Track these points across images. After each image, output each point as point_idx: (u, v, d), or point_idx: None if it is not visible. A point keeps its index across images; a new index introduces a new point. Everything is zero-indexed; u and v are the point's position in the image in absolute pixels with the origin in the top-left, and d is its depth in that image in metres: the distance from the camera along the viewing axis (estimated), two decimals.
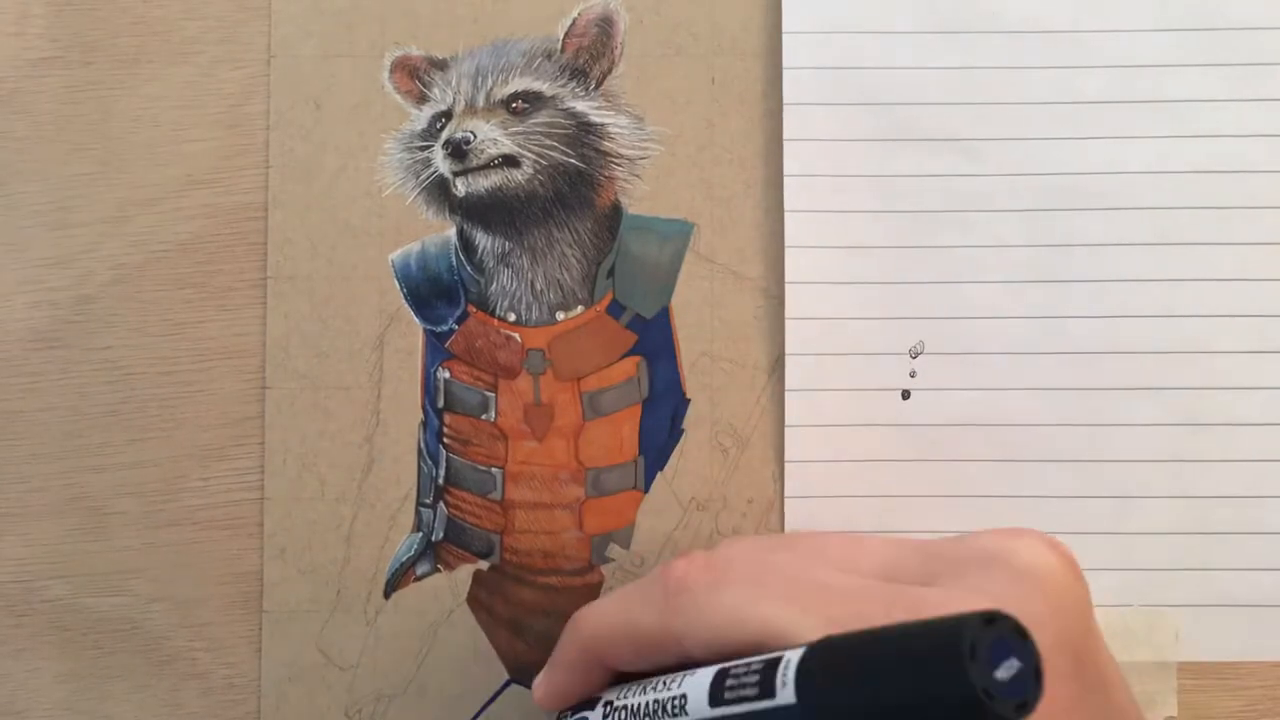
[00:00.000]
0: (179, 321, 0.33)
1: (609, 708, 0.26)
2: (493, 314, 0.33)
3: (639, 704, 0.25)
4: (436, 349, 0.33)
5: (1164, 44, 0.32)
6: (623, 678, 0.27)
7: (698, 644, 0.24)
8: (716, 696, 0.22)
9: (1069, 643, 0.22)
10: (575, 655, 0.28)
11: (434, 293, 0.33)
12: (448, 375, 0.33)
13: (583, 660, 0.27)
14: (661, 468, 0.33)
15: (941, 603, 0.21)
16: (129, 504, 0.33)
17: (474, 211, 0.33)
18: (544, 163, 0.33)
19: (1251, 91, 0.32)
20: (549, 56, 0.33)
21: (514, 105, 0.33)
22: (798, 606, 0.23)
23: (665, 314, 0.33)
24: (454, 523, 0.33)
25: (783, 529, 0.32)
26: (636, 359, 0.33)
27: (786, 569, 0.25)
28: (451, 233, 0.33)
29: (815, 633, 0.21)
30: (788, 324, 0.32)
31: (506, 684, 0.33)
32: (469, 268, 0.33)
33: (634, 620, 0.26)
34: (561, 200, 0.33)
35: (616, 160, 0.33)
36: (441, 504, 0.33)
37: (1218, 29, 0.32)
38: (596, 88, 0.33)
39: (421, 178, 0.33)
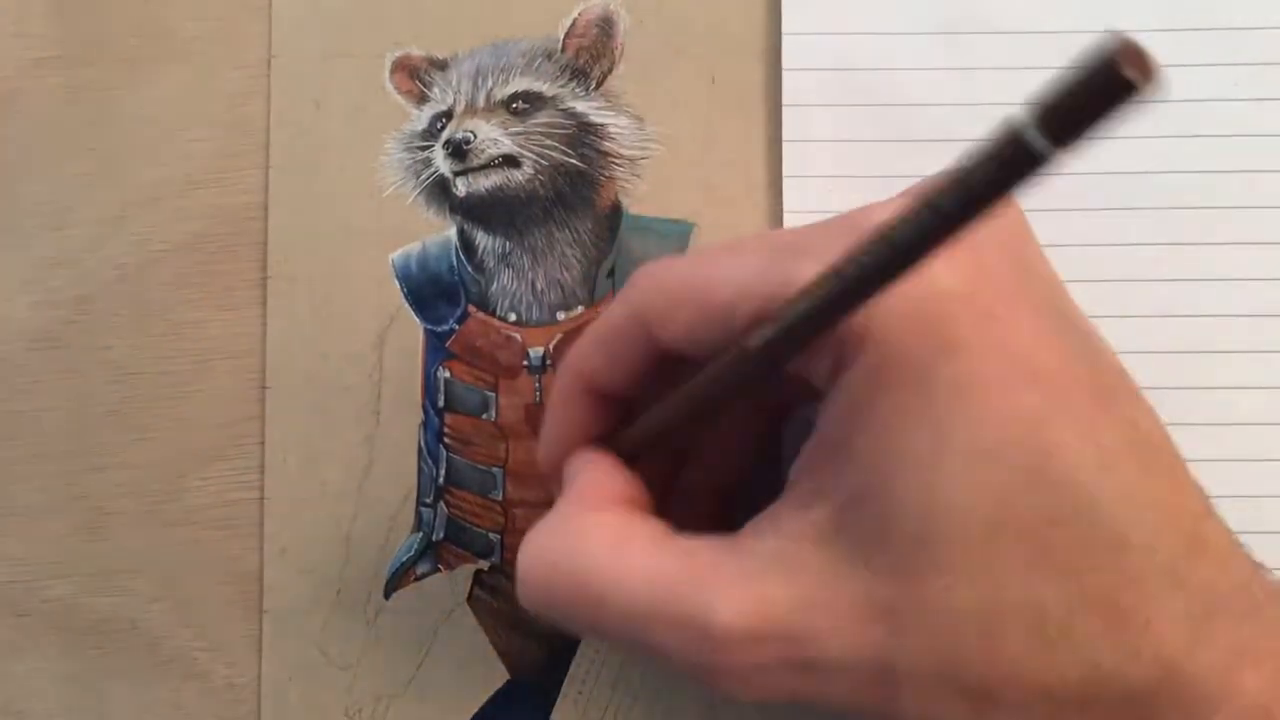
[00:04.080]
0: (179, 321, 0.33)
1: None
2: (493, 314, 0.33)
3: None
4: (437, 349, 0.33)
5: (1164, 44, 0.32)
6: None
7: (659, 318, 0.24)
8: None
9: (1006, 242, 0.22)
10: (561, 387, 0.27)
11: (434, 293, 0.33)
12: (448, 375, 0.33)
13: (567, 391, 0.26)
14: None
15: (878, 215, 0.21)
16: (129, 504, 0.33)
17: (474, 211, 0.33)
18: (544, 163, 0.33)
19: (1252, 91, 0.32)
20: (549, 57, 0.33)
21: (514, 105, 0.33)
22: (748, 254, 0.23)
23: None
24: (454, 522, 0.33)
25: None
26: None
27: (733, 241, 0.25)
28: (452, 233, 0.33)
29: (781, 276, 0.22)
30: None
31: (506, 684, 0.33)
32: (469, 268, 0.33)
33: (601, 321, 0.26)
34: (562, 200, 0.33)
35: (617, 160, 0.33)
36: (442, 504, 0.33)
37: (1218, 29, 0.32)
38: (597, 88, 0.33)
39: (422, 178, 0.33)
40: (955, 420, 0.21)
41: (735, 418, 0.28)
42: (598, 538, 0.24)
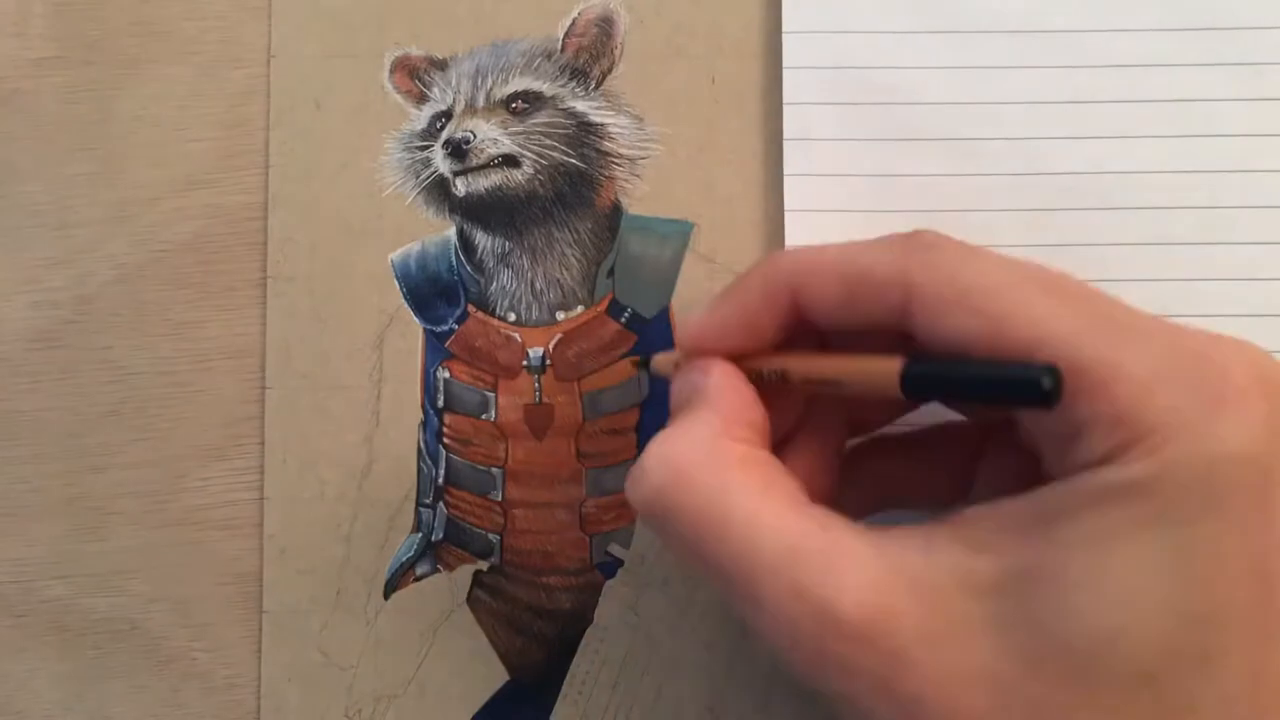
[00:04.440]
0: (179, 321, 0.33)
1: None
2: (493, 314, 0.33)
3: None
4: (436, 349, 0.33)
5: (1164, 44, 0.32)
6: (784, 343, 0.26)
7: (937, 303, 0.23)
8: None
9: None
10: (760, 283, 0.25)
11: (434, 292, 0.33)
12: (448, 375, 0.33)
13: (768, 289, 0.25)
14: None
15: (1215, 346, 0.22)
16: (129, 504, 0.33)
17: (474, 211, 0.33)
18: (544, 163, 0.33)
19: (1251, 91, 0.32)
20: (549, 56, 0.33)
21: (514, 105, 0.33)
22: (1060, 300, 0.22)
23: (665, 314, 0.33)
24: (454, 523, 0.33)
25: None
26: (637, 359, 0.33)
27: (1046, 273, 0.23)
28: (451, 232, 0.33)
29: (1085, 334, 0.21)
30: None
31: (506, 684, 0.32)
32: (469, 267, 0.33)
33: (858, 254, 0.24)
34: (561, 200, 0.33)
35: (616, 160, 0.33)
36: (441, 504, 0.33)
37: (1219, 29, 0.32)
38: (596, 88, 0.33)
39: (421, 177, 0.33)
40: (1181, 575, 0.20)
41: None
42: (742, 475, 0.23)
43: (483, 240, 0.33)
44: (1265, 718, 0.21)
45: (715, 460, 0.23)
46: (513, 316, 0.33)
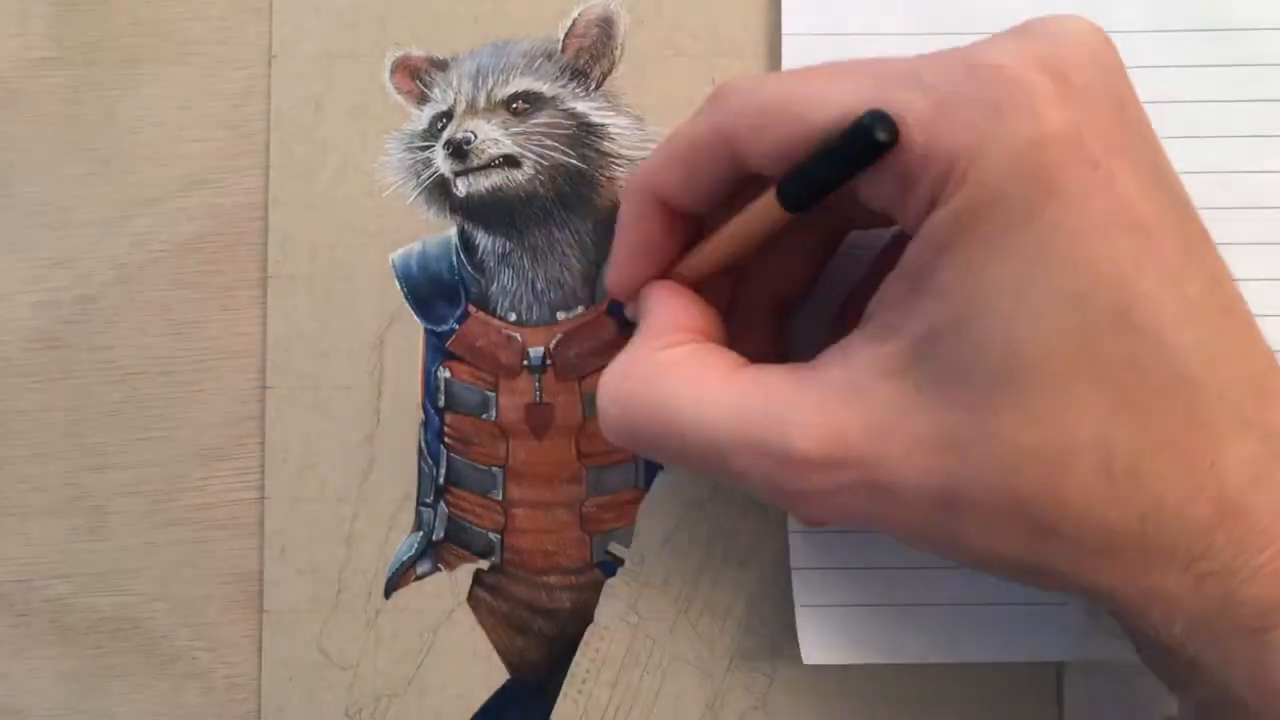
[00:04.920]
0: (179, 321, 0.33)
1: None
2: (493, 314, 0.33)
3: None
4: (437, 348, 0.33)
5: (1164, 44, 0.32)
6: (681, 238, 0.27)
7: (749, 133, 0.24)
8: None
9: (1109, 87, 0.23)
10: (627, 207, 0.27)
11: (435, 292, 0.33)
12: (448, 375, 0.33)
13: (635, 207, 0.27)
14: (662, 467, 0.33)
15: (990, 50, 0.22)
16: (129, 504, 0.33)
17: (474, 211, 0.33)
18: (545, 163, 0.33)
19: (1251, 91, 0.32)
20: (549, 57, 0.33)
21: (514, 105, 0.33)
22: (847, 77, 0.23)
23: None
24: (454, 522, 0.33)
25: (786, 530, 0.32)
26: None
27: (820, 65, 0.25)
28: (452, 232, 0.33)
29: (871, 92, 0.22)
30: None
31: (506, 684, 0.33)
32: (469, 267, 0.33)
33: (678, 138, 0.26)
34: (562, 200, 0.33)
35: (617, 160, 0.33)
36: (442, 503, 0.33)
37: (1218, 29, 0.32)
38: (597, 88, 0.33)
39: (422, 178, 0.33)
40: (1049, 262, 0.21)
41: (792, 239, 0.28)
42: (677, 375, 0.25)
43: (483, 240, 0.33)
44: (1214, 340, 0.22)
45: (650, 375, 0.25)
46: (513, 316, 0.33)
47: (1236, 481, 0.21)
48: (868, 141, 0.22)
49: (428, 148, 0.33)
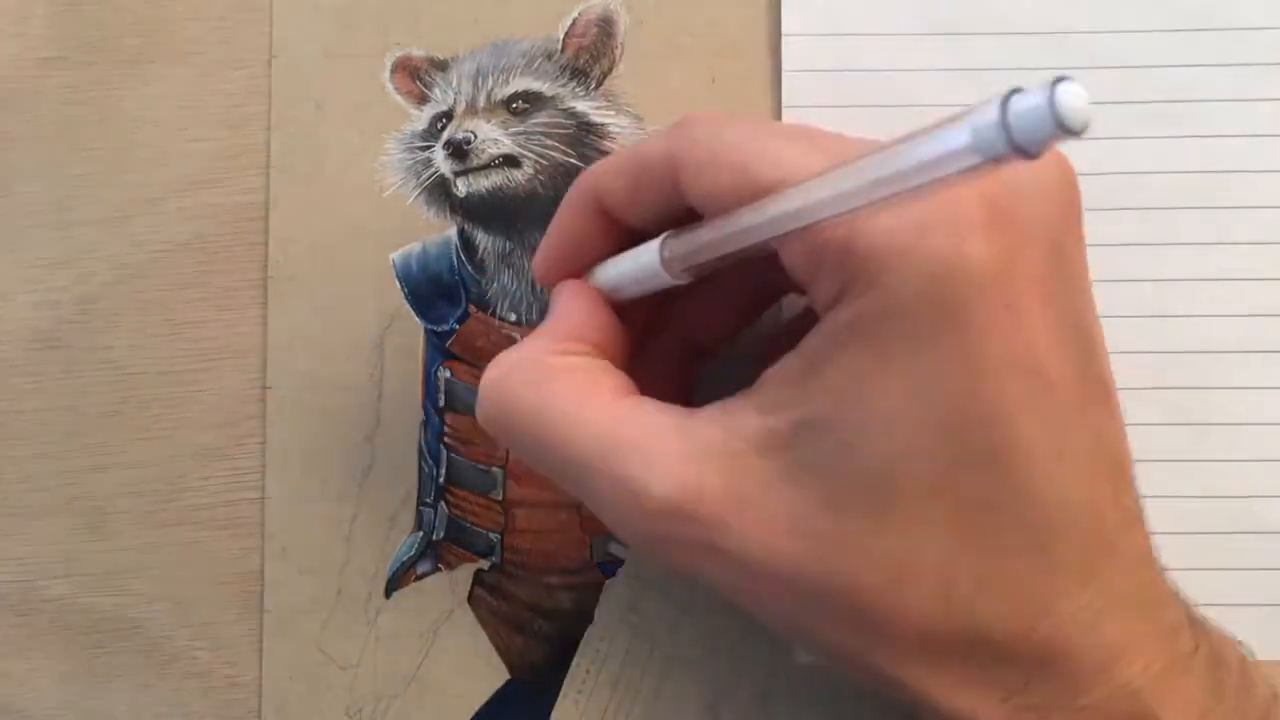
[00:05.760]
0: (179, 321, 0.33)
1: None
2: (494, 314, 0.33)
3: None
4: (437, 349, 0.33)
5: (1164, 44, 0.32)
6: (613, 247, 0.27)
7: (694, 167, 0.24)
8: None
9: (1049, 228, 0.23)
10: (568, 199, 0.28)
11: (435, 293, 0.33)
12: (449, 375, 0.33)
13: (575, 201, 0.27)
14: None
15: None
16: (129, 504, 0.33)
17: (475, 211, 0.33)
18: (544, 163, 0.33)
19: (1251, 91, 0.32)
20: (549, 57, 0.33)
21: (514, 105, 0.33)
22: (806, 145, 0.23)
23: None
24: (454, 522, 0.33)
25: None
26: None
27: (795, 126, 0.25)
28: (452, 232, 0.33)
29: (822, 165, 0.22)
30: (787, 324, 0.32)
31: (506, 684, 0.33)
32: (470, 267, 0.33)
33: (635, 150, 0.26)
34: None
35: None
36: (442, 503, 0.33)
37: (1218, 29, 0.32)
38: (597, 88, 0.33)
39: (422, 178, 0.33)
40: (937, 391, 0.21)
41: (715, 288, 0.28)
42: (561, 385, 0.25)
43: (484, 240, 0.33)
44: (1080, 497, 0.22)
45: (535, 375, 0.25)
46: (514, 316, 0.33)
47: (1070, 628, 0.22)
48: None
49: (428, 148, 0.33)
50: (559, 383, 0.25)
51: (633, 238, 0.27)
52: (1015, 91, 0.17)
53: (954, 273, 0.21)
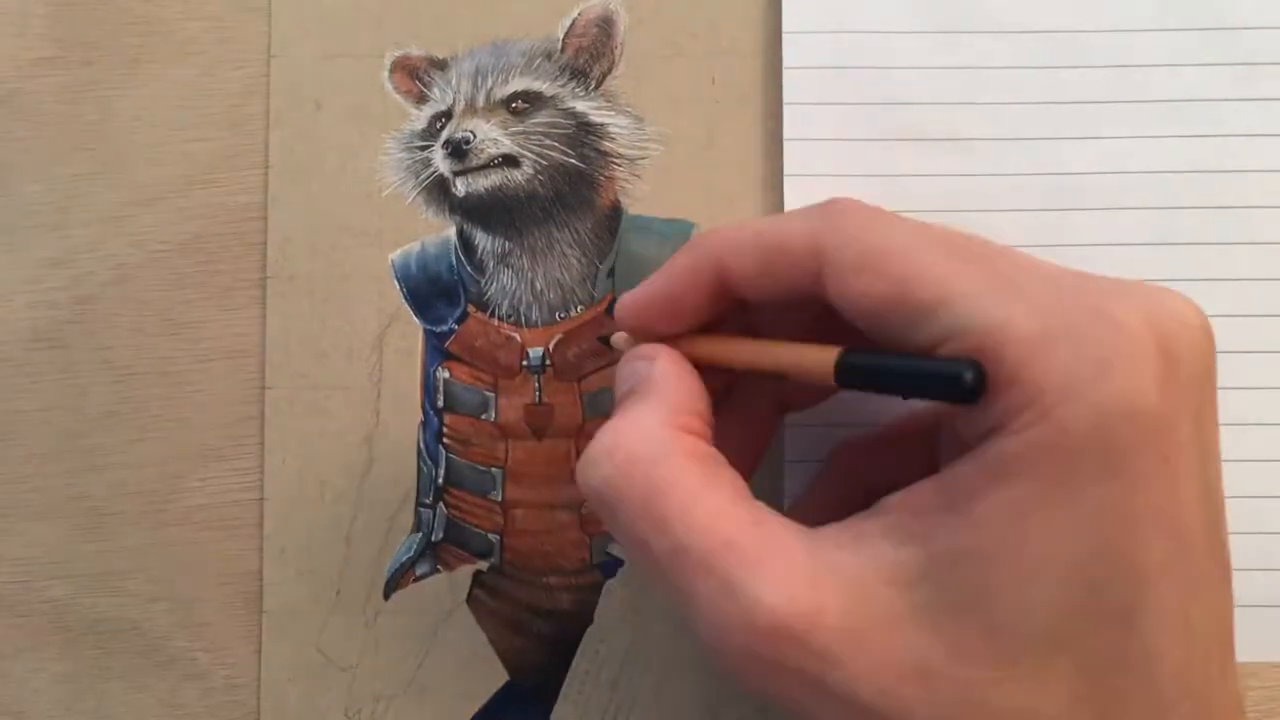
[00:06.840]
0: (179, 321, 0.33)
1: None
2: (493, 314, 0.33)
3: None
4: (436, 349, 0.33)
5: (1164, 44, 0.32)
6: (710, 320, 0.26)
7: (843, 268, 0.23)
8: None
9: (1203, 387, 0.22)
10: (687, 258, 0.26)
11: (434, 293, 0.33)
12: (448, 375, 0.33)
13: (693, 263, 0.26)
14: None
15: (1112, 298, 0.21)
16: (129, 504, 0.33)
17: (474, 211, 0.33)
18: (544, 163, 0.33)
19: (1251, 91, 0.32)
20: (549, 56, 0.33)
21: (514, 105, 0.33)
22: (961, 261, 0.22)
23: None
24: (454, 523, 0.33)
25: None
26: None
27: (946, 232, 0.24)
28: (451, 232, 0.33)
29: (983, 296, 0.21)
30: None
31: (506, 685, 0.32)
32: (469, 268, 0.33)
33: (774, 226, 0.25)
34: (561, 200, 0.33)
35: (616, 160, 0.33)
36: (441, 504, 0.33)
37: (1218, 29, 0.32)
38: (596, 88, 0.33)
39: (421, 178, 0.33)
40: (1089, 539, 0.20)
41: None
42: (687, 469, 0.23)
43: (483, 240, 0.33)
44: (1198, 665, 0.21)
45: (660, 452, 0.23)
46: (513, 317, 0.33)
47: None
48: (953, 385, 0.21)
49: (427, 147, 0.33)
50: (684, 462, 0.23)
51: (743, 311, 0.26)
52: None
53: (1131, 416, 0.20)
